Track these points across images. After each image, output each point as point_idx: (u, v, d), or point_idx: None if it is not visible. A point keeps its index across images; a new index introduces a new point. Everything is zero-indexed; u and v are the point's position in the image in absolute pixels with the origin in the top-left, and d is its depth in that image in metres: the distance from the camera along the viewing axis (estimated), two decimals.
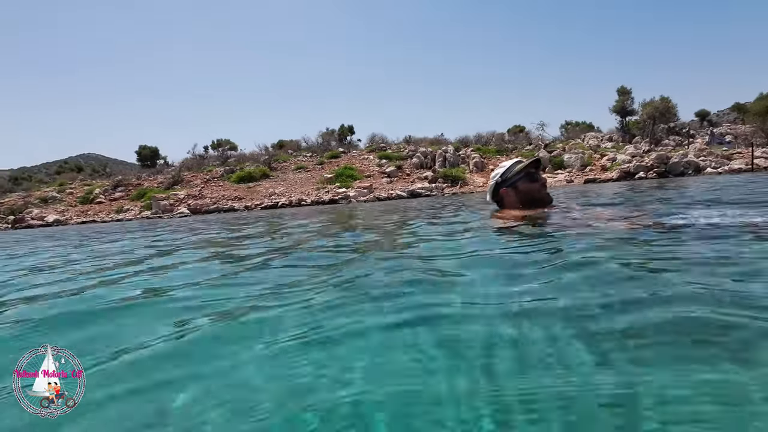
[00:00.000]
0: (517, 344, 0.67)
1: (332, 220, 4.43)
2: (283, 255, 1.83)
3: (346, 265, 1.43)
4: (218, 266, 1.71)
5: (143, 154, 25.95)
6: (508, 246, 1.53)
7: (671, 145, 17.73)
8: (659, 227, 1.60)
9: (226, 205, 15.01)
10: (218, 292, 1.17)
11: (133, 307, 1.07)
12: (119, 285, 1.41)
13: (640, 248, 1.32)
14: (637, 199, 3.83)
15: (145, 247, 2.89)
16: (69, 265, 2.17)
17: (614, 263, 1.07)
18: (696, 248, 1.23)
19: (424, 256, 1.48)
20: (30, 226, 14.53)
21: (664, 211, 2.16)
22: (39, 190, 19.75)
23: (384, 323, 0.80)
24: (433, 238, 2.06)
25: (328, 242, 2.24)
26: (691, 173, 13.23)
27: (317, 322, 0.82)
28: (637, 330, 0.68)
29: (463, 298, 0.93)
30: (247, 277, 1.38)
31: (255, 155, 21.93)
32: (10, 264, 2.54)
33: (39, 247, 3.79)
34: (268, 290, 1.13)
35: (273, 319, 0.87)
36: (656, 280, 0.94)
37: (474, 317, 0.79)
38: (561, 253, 1.29)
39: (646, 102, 19.53)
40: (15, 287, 1.57)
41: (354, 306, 0.92)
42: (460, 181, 15.83)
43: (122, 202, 17.14)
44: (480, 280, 1.07)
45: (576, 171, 15.94)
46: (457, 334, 0.73)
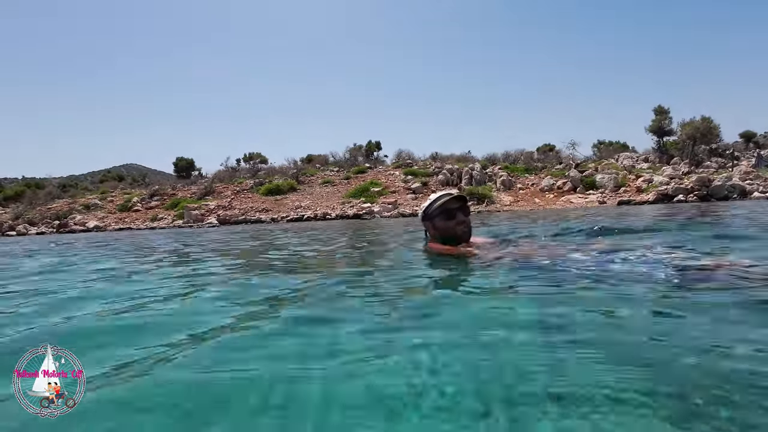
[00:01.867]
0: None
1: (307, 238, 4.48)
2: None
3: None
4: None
5: (180, 166, 27.13)
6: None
7: (713, 167, 16.82)
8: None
9: (254, 216, 15.38)
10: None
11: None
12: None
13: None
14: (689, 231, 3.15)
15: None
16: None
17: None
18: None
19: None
20: (72, 231, 15.38)
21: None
22: (83, 197, 20.96)
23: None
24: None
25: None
26: (736, 197, 12.45)
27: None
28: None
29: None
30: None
31: (284, 169, 22.48)
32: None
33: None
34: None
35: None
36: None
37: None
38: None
39: (686, 122, 18.71)
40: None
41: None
42: (487, 199, 15.57)
43: (157, 210, 17.89)
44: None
45: (609, 192, 15.35)
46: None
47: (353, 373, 0.69)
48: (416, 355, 0.76)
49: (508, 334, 0.88)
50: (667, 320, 0.99)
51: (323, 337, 0.91)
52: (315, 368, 0.72)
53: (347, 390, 0.64)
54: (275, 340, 0.89)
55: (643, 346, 0.83)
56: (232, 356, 0.80)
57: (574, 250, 1.93)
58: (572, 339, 0.86)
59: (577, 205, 14.32)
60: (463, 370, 0.70)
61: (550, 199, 15.77)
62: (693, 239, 2.49)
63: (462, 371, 0.69)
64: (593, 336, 0.87)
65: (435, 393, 0.62)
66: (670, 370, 0.70)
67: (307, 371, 0.71)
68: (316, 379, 0.68)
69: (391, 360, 0.76)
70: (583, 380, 0.65)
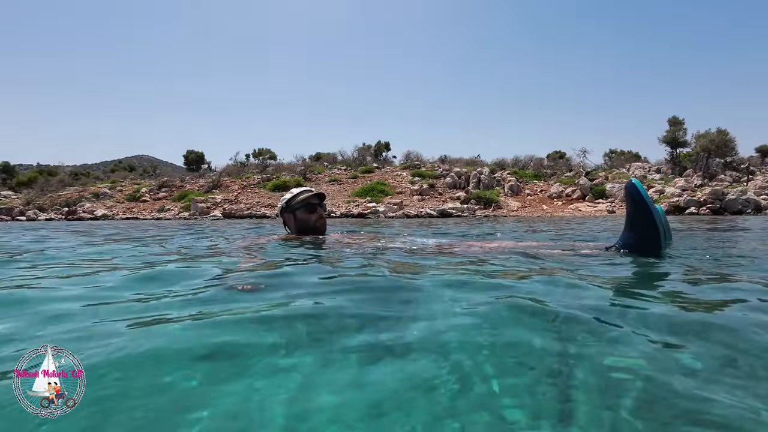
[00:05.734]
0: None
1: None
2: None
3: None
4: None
5: (190, 158, 27.36)
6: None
7: (727, 180, 16.46)
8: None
9: (259, 211, 15.41)
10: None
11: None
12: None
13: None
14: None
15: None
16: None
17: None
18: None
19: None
20: (81, 218, 15.56)
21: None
22: (94, 186, 21.22)
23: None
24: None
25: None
26: (751, 212, 12.16)
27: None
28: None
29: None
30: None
31: (292, 166, 22.54)
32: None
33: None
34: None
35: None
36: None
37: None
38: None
39: (701, 134, 18.34)
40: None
41: None
42: (494, 203, 15.42)
43: (164, 202, 18.03)
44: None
45: (619, 202, 15.10)
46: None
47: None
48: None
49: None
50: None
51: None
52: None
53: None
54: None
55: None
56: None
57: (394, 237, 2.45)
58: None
59: (585, 213, 14.10)
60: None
61: (558, 206, 15.56)
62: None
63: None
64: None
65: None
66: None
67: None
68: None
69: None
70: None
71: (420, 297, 0.99)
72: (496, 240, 2.75)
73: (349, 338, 0.70)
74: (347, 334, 0.73)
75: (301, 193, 2.48)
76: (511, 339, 0.69)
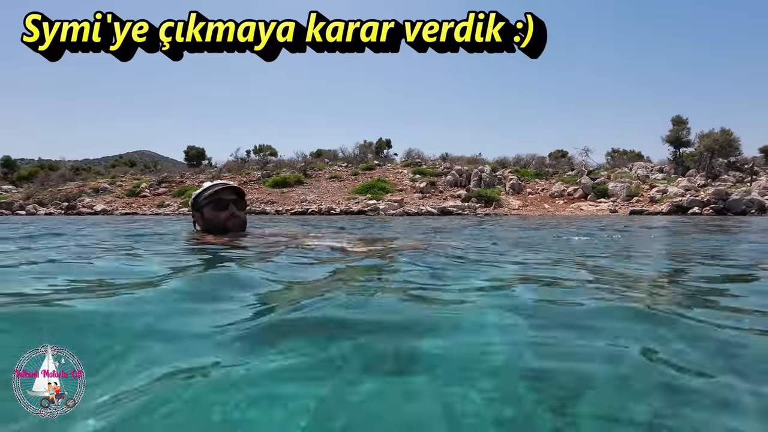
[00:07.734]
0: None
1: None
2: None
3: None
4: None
5: (190, 154, 27.30)
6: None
7: (731, 181, 16.32)
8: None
9: (259, 207, 15.35)
10: None
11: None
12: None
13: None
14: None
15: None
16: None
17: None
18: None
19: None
20: (80, 213, 15.52)
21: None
22: (94, 181, 21.19)
23: None
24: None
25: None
26: (754, 212, 12.05)
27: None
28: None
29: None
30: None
31: (293, 162, 22.45)
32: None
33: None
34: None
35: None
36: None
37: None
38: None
39: (704, 134, 18.19)
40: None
41: None
42: (495, 201, 15.33)
43: (164, 197, 17.98)
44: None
45: (621, 201, 15.00)
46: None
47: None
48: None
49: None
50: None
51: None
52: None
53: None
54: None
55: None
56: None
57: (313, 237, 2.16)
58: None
59: (587, 212, 14.00)
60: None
61: (559, 205, 15.47)
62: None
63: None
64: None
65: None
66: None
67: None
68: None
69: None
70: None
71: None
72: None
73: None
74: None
75: (213, 186, 2.10)
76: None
